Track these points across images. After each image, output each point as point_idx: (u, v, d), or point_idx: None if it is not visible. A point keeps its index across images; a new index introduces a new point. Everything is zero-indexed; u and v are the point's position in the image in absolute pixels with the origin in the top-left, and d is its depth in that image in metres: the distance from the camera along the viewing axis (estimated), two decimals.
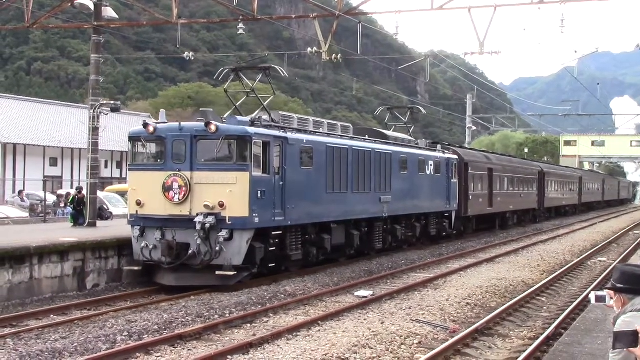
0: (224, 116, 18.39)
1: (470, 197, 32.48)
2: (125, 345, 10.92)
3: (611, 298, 4.79)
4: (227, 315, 13.30)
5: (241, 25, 23.01)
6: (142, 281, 17.35)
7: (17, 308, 14.38)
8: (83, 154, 39.47)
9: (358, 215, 21.87)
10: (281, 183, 17.50)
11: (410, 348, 11.19)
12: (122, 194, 28.80)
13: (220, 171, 16.42)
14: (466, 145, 50.61)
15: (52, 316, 13.67)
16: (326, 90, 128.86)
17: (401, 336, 11.82)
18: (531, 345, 11.29)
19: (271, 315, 13.65)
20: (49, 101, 58.85)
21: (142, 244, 16.75)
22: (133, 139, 17.53)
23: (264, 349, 10.87)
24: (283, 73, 19.55)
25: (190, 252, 16.23)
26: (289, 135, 18.07)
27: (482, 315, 14.04)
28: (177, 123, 17.26)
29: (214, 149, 16.52)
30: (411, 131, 29.63)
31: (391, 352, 10.82)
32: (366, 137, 23.66)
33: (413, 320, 13.22)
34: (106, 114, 23.07)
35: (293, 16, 39.62)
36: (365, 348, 10.93)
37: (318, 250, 19.94)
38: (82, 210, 22.61)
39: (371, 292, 16.38)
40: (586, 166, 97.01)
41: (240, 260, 16.27)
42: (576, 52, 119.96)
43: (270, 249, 17.29)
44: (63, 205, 29.24)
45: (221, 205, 16.10)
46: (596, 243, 31.40)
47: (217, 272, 16.08)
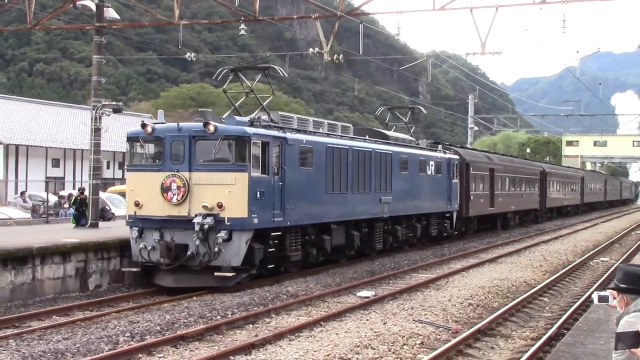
0: (223, 116, 18.28)
1: (471, 198, 32.44)
2: (127, 346, 10.93)
3: (614, 298, 4.79)
4: (229, 315, 13.30)
5: (243, 26, 23.01)
6: (145, 282, 17.34)
7: (20, 309, 14.40)
8: (85, 155, 39.46)
9: (358, 215, 21.78)
10: (280, 183, 17.39)
11: (412, 348, 11.19)
12: (124, 195, 28.70)
13: (218, 172, 16.31)
14: (468, 145, 50.57)
15: (55, 317, 13.68)
16: (328, 90, 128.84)
17: (403, 336, 11.81)
18: (533, 345, 11.28)
19: (273, 315, 13.65)
20: (51, 102, 58.93)
21: (141, 245, 16.66)
22: (131, 140, 17.42)
23: (266, 350, 10.87)
24: (282, 73, 19.50)
25: (188, 253, 16.14)
26: (288, 135, 17.97)
27: (485, 315, 14.03)
28: (176, 123, 17.15)
29: (213, 150, 16.40)
30: (412, 131, 29.58)
31: (393, 353, 10.81)
32: (366, 137, 23.59)
33: (415, 320, 13.21)
34: (108, 115, 23.10)
35: (295, 17, 39.65)
36: (367, 348, 10.92)
37: (318, 251, 19.82)
38: (84, 211, 22.64)
39: (373, 293, 16.37)
40: (588, 166, 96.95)
41: (239, 261, 16.18)
42: (578, 52, 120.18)
43: (269, 250, 17.20)
44: (67, 206, 29.25)
45: (220, 206, 16.01)
46: (598, 243, 31.37)
47: (216, 273, 16.00)
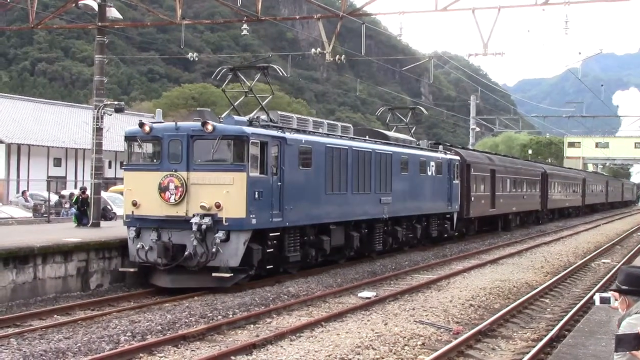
0: (222, 116, 18.15)
1: (472, 199, 32.40)
2: (128, 345, 10.93)
3: (616, 300, 4.79)
4: (231, 315, 13.30)
5: (245, 26, 23.02)
6: (146, 282, 17.30)
7: (21, 308, 14.41)
8: (87, 155, 39.51)
9: (358, 216, 21.67)
10: (279, 184, 17.26)
11: (413, 349, 11.19)
12: None
13: (216, 171, 16.16)
14: (469, 146, 50.53)
15: (56, 316, 13.69)
16: (330, 91, 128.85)
17: (404, 337, 11.81)
18: (535, 347, 11.28)
19: (274, 316, 13.65)
20: (53, 102, 59.00)
21: (138, 245, 16.53)
22: (129, 139, 17.28)
23: (267, 350, 10.88)
24: (281, 72, 19.41)
25: (186, 254, 16.00)
26: (288, 135, 17.85)
27: (486, 316, 14.03)
28: (174, 123, 17.00)
29: (211, 149, 16.25)
30: (412, 132, 29.52)
31: (394, 354, 10.81)
32: (366, 138, 23.47)
33: (416, 321, 13.21)
34: (110, 115, 23.11)
35: (297, 17, 39.66)
36: (368, 349, 10.92)
37: (317, 251, 19.69)
38: (86, 210, 22.65)
39: (374, 293, 16.36)
40: (590, 168, 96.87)
41: (237, 261, 16.04)
42: (580, 54, 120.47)
43: (267, 251, 17.08)
44: (68, 206, 29.26)
45: (218, 206, 15.87)
46: (600, 245, 31.34)
47: (214, 274, 15.87)
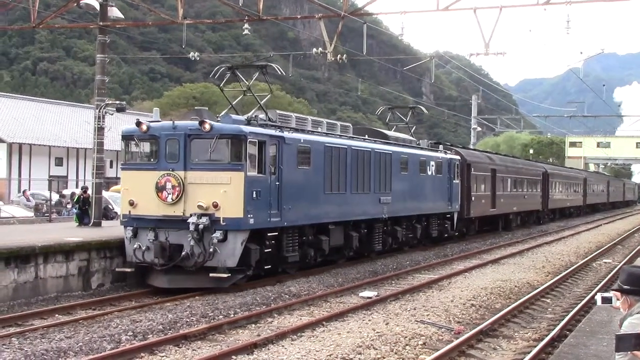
0: (220, 115, 18.03)
1: (472, 198, 32.35)
2: (129, 345, 10.94)
3: (617, 299, 4.79)
4: (232, 315, 13.30)
5: (246, 25, 23.03)
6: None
7: (22, 307, 14.42)
8: (88, 154, 39.57)
9: (357, 216, 21.57)
10: (277, 183, 17.16)
11: (414, 349, 11.18)
12: None
13: (214, 171, 16.05)
14: (471, 146, 50.48)
15: (57, 315, 13.70)
16: (331, 90, 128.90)
17: (406, 337, 11.80)
18: (536, 346, 11.27)
19: (275, 315, 13.66)
20: (55, 101, 59.05)
21: (135, 245, 16.41)
22: (126, 138, 17.16)
23: (269, 350, 10.88)
24: (280, 71, 19.34)
25: (183, 254, 15.89)
26: (286, 134, 17.75)
27: (487, 316, 14.02)
28: (171, 122, 16.88)
29: (208, 148, 16.12)
30: (412, 131, 29.43)
31: (396, 353, 10.81)
32: (366, 137, 23.34)
33: (418, 321, 13.20)
34: (111, 114, 23.12)
35: (298, 16, 39.67)
36: (369, 349, 10.92)
37: (316, 251, 19.58)
38: (87, 209, 22.66)
39: (376, 293, 16.36)
40: (592, 168, 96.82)
41: (234, 262, 15.94)
42: (582, 53, 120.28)
43: (266, 251, 16.98)
44: (70, 206, 29.27)
45: (215, 205, 15.76)
46: (601, 245, 31.32)
47: (211, 274, 15.77)
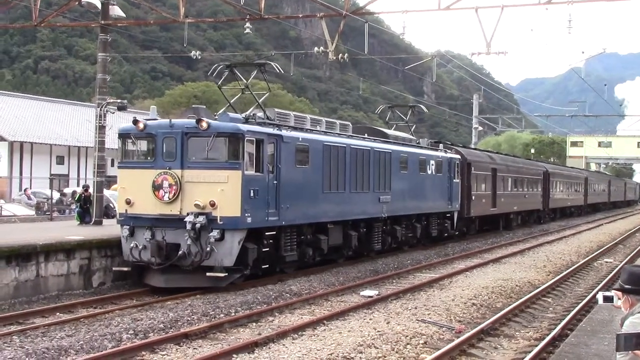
0: (217, 113, 17.91)
1: (473, 198, 32.30)
2: (130, 343, 10.94)
3: (619, 299, 4.79)
4: (233, 314, 13.31)
5: (248, 24, 23.04)
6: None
7: (24, 306, 14.42)
8: (89, 152, 39.53)
9: (356, 215, 21.43)
10: (275, 182, 17.05)
11: (415, 348, 11.18)
12: None
13: (211, 169, 15.95)
14: (472, 145, 50.46)
15: (58, 314, 13.71)
16: (332, 89, 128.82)
17: (407, 336, 11.80)
18: (537, 346, 11.28)
19: (277, 314, 13.66)
20: (56, 99, 59.07)
21: (132, 244, 16.31)
22: (123, 136, 17.05)
23: (269, 348, 10.88)
24: (278, 69, 19.28)
25: (180, 253, 15.81)
26: (284, 132, 17.63)
27: (488, 315, 14.02)
28: (168, 120, 16.84)
29: (206, 147, 16.01)
30: (413, 130, 29.37)
31: (397, 352, 10.81)
32: (365, 136, 23.20)
33: (419, 320, 13.20)
34: (113, 113, 23.13)
35: (300, 15, 39.64)
36: (370, 348, 10.92)
37: (314, 251, 19.46)
38: (89, 208, 22.67)
39: (377, 292, 16.36)
40: (593, 167, 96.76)
41: (231, 261, 15.85)
42: (583, 53, 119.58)
43: (263, 250, 16.89)
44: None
45: (212, 204, 15.64)
46: (602, 244, 31.31)
47: (208, 274, 15.68)
